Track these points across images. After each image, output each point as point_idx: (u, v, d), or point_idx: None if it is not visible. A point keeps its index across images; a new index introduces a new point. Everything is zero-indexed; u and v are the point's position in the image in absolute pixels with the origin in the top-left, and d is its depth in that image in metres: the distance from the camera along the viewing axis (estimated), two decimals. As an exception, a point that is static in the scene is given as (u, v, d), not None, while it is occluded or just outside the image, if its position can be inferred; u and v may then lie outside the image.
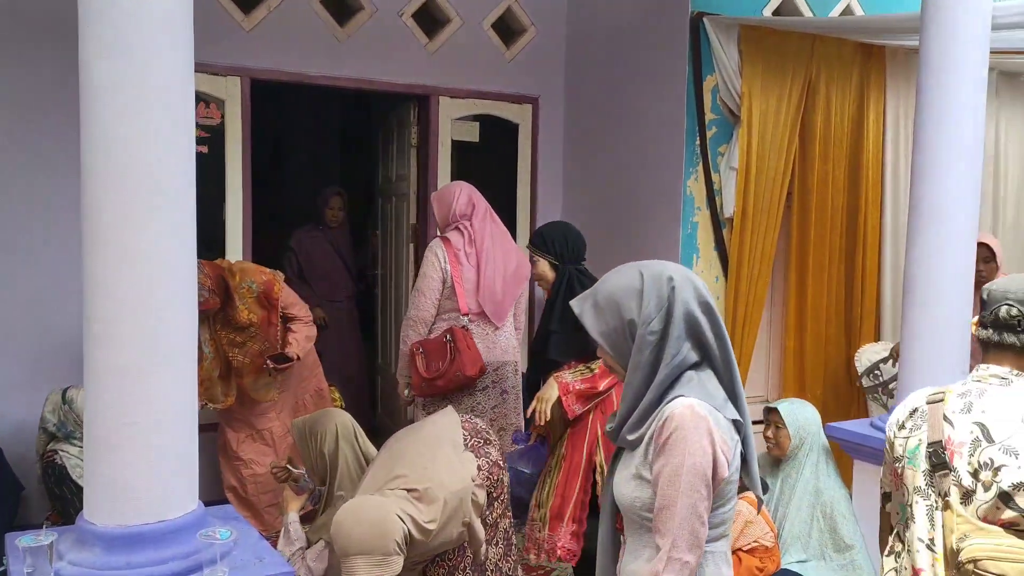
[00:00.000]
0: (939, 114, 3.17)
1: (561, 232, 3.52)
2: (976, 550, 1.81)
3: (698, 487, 1.58)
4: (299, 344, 4.05)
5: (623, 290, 1.71)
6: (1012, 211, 5.37)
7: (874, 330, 4.91)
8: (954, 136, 3.16)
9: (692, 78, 4.35)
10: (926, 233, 3.26)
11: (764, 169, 4.41)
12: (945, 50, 3.12)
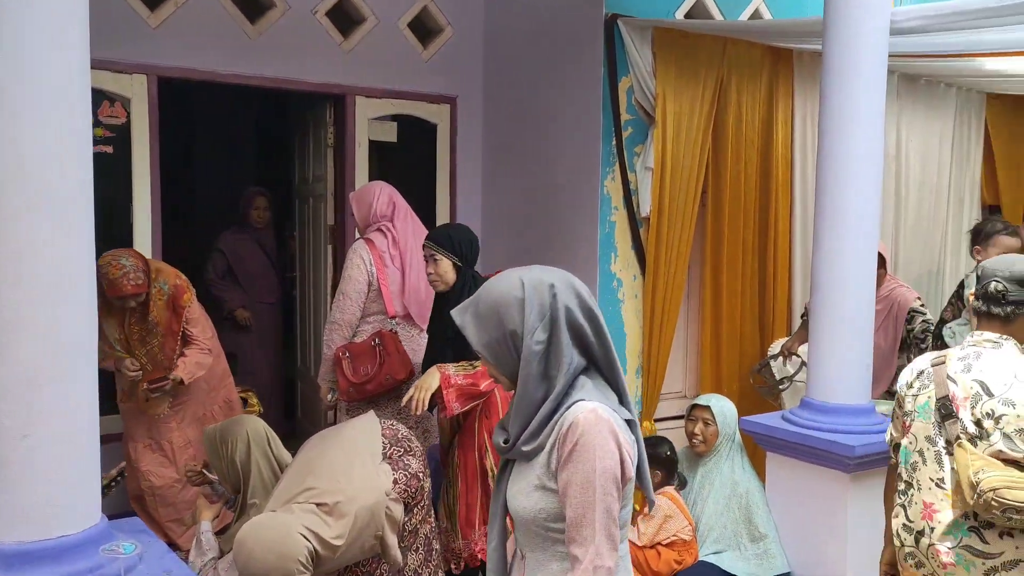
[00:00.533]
0: (841, 115, 3.27)
1: (466, 235, 3.51)
2: (994, 481, 2.15)
3: (611, 490, 1.57)
4: (186, 368, 3.87)
5: (504, 300, 1.64)
6: (913, 210, 5.58)
7: (786, 325, 5.05)
8: (856, 137, 3.27)
9: (607, 79, 4.40)
10: (831, 231, 3.37)
11: (679, 168, 4.49)
12: (846, 54, 3.22)
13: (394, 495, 2.70)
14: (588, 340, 1.65)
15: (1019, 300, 2.33)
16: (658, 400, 4.68)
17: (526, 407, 1.64)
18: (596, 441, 1.56)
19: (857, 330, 3.36)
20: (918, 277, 5.70)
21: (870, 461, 3.23)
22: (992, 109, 5.97)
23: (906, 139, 5.46)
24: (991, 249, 3.39)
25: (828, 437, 3.25)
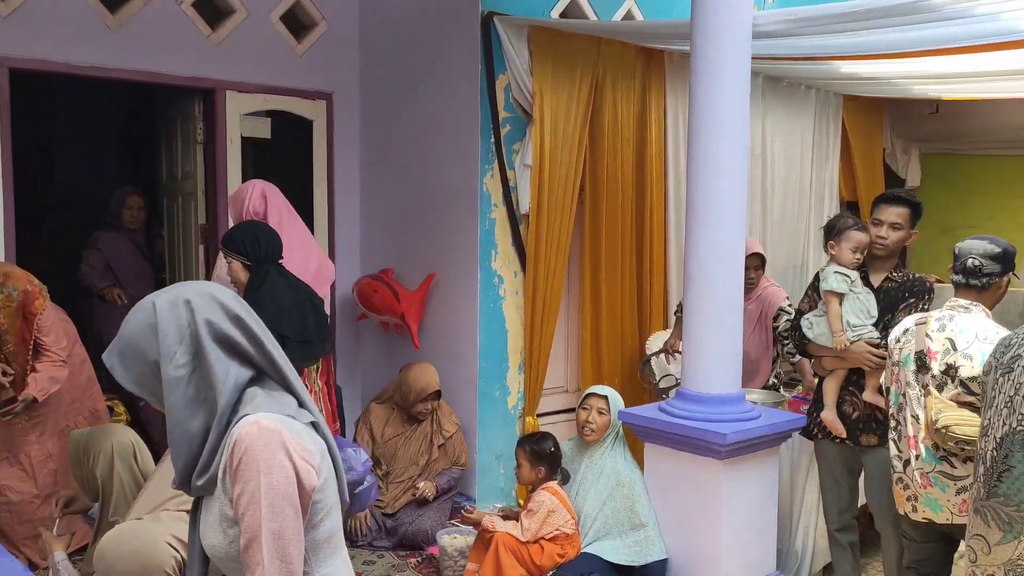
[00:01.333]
0: (709, 114, 3.38)
1: (252, 232, 3.48)
2: (946, 419, 2.75)
3: (282, 508, 1.41)
4: (38, 385, 3.62)
5: (139, 330, 1.49)
6: (778, 206, 5.84)
7: (663, 318, 5.19)
8: (723, 135, 3.38)
9: (485, 76, 4.41)
10: (702, 225, 3.47)
11: (557, 166, 4.54)
12: (712, 55, 3.33)
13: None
14: (243, 349, 1.52)
15: (992, 272, 2.94)
16: (540, 395, 4.73)
17: (181, 439, 1.49)
18: (261, 456, 1.42)
19: (728, 321, 3.48)
20: (784, 270, 5.97)
21: (741, 447, 3.36)
22: (848, 110, 6.31)
23: (771, 138, 5.71)
24: (843, 244, 3.57)
25: (702, 426, 3.35)
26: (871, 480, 3.59)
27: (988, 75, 4.80)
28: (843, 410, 3.61)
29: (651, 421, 3.54)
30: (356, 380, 5.33)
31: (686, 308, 3.57)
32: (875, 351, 3.47)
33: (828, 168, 6.23)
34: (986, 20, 3.49)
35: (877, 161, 6.75)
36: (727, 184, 3.41)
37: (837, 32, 3.93)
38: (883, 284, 3.61)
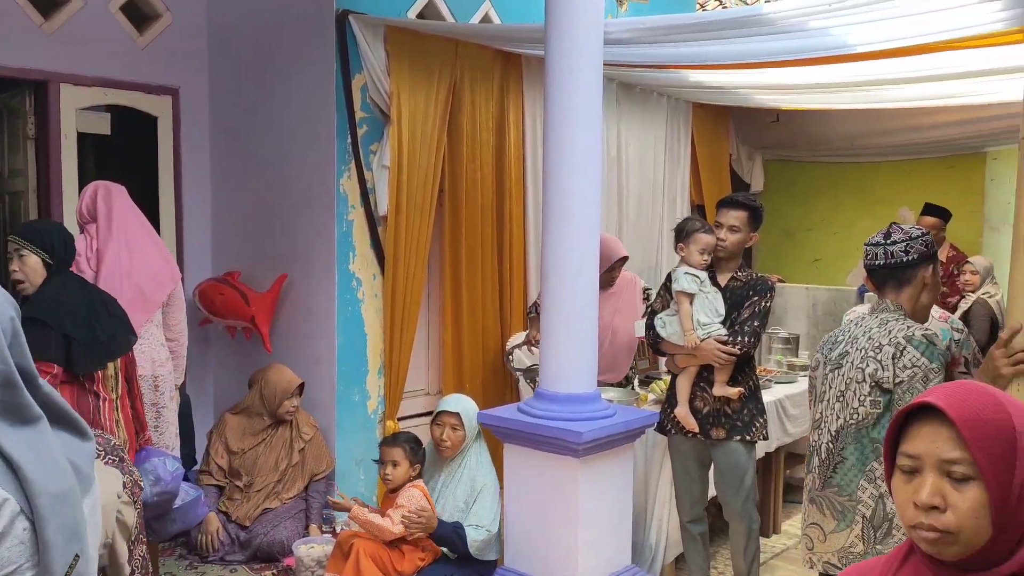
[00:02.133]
0: (563, 118, 3.43)
1: (61, 233, 3.27)
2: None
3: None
4: None
5: None
6: (633, 208, 6.02)
7: (524, 319, 5.25)
8: (577, 138, 3.44)
9: (341, 75, 4.33)
10: (558, 226, 3.53)
11: (415, 167, 4.51)
12: (565, 60, 3.39)
13: (125, 498, 2.47)
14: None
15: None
16: (401, 398, 4.69)
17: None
18: None
19: (583, 321, 3.54)
20: (639, 270, 6.14)
21: (598, 445, 3.42)
22: (697, 117, 6.58)
23: (625, 143, 5.88)
24: (692, 246, 3.71)
25: (559, 425, 3.39)
26: (720, 472, 3.75)
27: (822, 87, 5.11)
28: (694, 405, 3.75)
29: (509, 422, 3.56)
30: (207, 388, 5.11)
31: (543, 308, 3.62)
32: (723, 348, 3.62)
33: (679, 172, 6.47)
34: (818, 35, 3.71)
35: (724, 166, 7.08)
36: (582, 186, 3.48)
37: (683, 42, 4.09)
38: (729, 283, 3.76)
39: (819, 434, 2.67)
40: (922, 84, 4.84)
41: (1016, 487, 1.18)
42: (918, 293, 2.63)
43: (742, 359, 3.68)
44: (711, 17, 3.70)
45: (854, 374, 2.54)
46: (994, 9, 3.38)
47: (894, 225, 2.69)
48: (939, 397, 1.23)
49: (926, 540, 1.22)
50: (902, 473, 1.27)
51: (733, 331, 3.65)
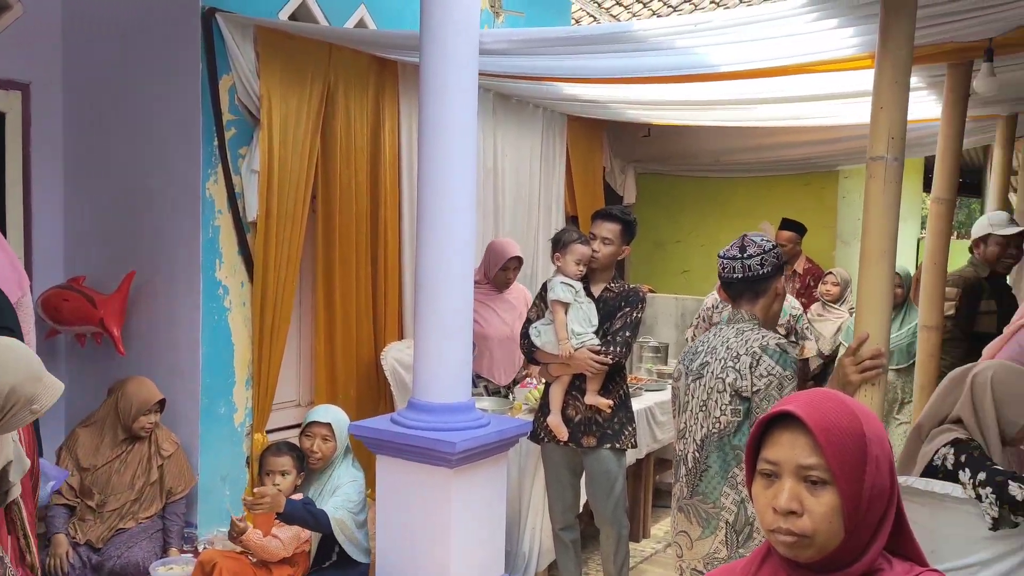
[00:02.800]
0: (438, 127, 3.42)
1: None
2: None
3: None
4: None
5: None
6: (509, 218, 6.07)
7: (398, 329, 5.19)
8: (452, 147, 3.43)
9: (207, 76, 4.17)
10: (432, 235, 3.50)
11: (287, 172, 4.39)
12: (440, 68, 3.37)
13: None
14: None
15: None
16: (270, 411, 4.54)
17: None
18: None
19: (457, 330, 3.52)
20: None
21: (471, 455, 3.41)
22: (572, 130, 6.71)
23: (502, 153, 5.92)
24: (568, 256, 3.77)
25: (433, 436, 3.36)
26: (591, 479, 3.81)
27: (689, 104, 5.31)
28: (567, 414, 3.80)
29: (382, 433, 3.51)
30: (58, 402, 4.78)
31: (417, 318, 3.58)
32: (597, 357, 3.68)
33: (554, 184, 6.57)
34: (685, 53, 3.84)
35: (598, 179, 7.24)
36: (457, 195, 3.46)
37: (557, 55, 4.15)
38: (603, 294, 3.84)
39: (685, 443, 2.74)
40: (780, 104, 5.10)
41: (866, 491, 1.23)
42: (771, 303, 2.75)
43: (614, 368, 3.75)
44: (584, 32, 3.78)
45: (715, 383, 2.62)
46: (846, 35, 3.59)
47: (747, 238, 2.78)
48: (797, 405, 1.28)
49: (783, 544, 1.27)
50: (762, 478, 1.31)
51: (606, 341, 3.72)
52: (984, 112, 5.40)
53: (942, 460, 2.65)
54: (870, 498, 1.24)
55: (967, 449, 2.61)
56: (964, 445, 2.63)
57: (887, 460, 1.27)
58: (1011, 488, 2.44)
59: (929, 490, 2.64)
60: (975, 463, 2.55)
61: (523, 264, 4.90)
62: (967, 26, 3.42)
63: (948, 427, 2.72)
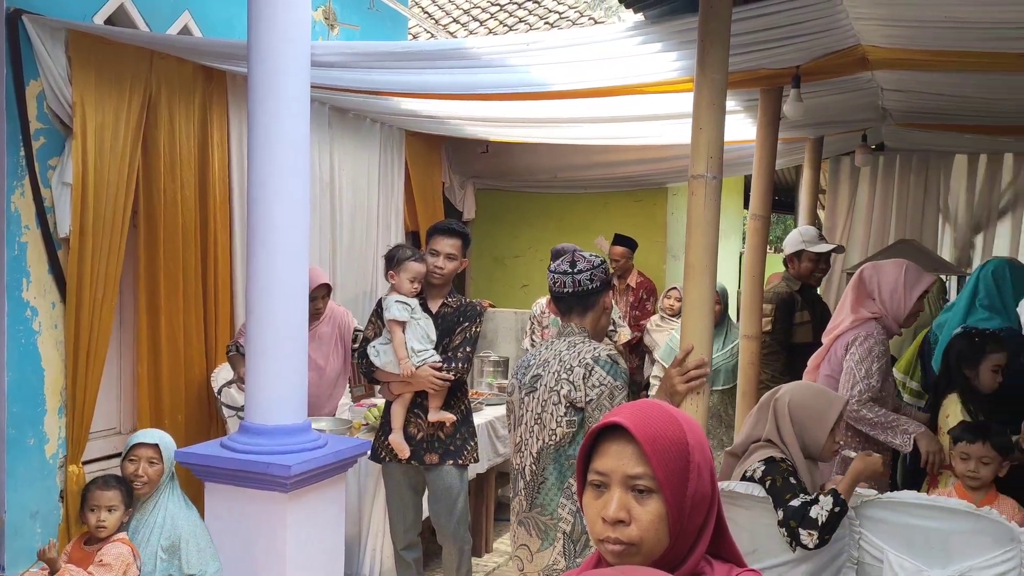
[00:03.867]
0: (268, 140, 3.31)
1: None
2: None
3: None
4: None
5: None
6: (348, 234, 5.97)
7: (230, 349, 4.97)
8: (283, 161, 3.32)
9: (12, 82, 3.85)
10: (264, 253, 3.38)
11: (104, 185, 4.12)
12: (270, 80, 3.27)
13: None
14: None
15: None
16: (87, 440, 4.22)
17: None
18: None
19: (292, 350, 3.42)
20: (354, 297, 6.10)
21: (308, 478, 3.31)
22: (411, 145, 6.68)
23: (339, 168, 5.81)
24: (403, 274, 3.75)
25: (266, 460, 3.24)
26: (434, 496, 3.78)
27: (525, 121, 5.41)
28: (408, 432, 3.76)
29: (211, 459, 3.34)
30: None
31: (249, 338, 3.44)
32: (438, 374, 3.66)
33: (393, 199, 6.52)
34: (518, 71, 3.92)
35: (437, 195, 7.24)
36: (289, 212, 3.36)
37: (392, 70, 4.12)
38: (440, 310, 3.83)
39: (521, 457, 2.77)
40: (611, 124, 5.29)
41: (689, 498, 1.27)
42: (599, 317, 2.83)
43: (455, 384, 3.75)
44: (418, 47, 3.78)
45: (549, 396, 2.67)
46: (670, 59, 3.77)
47: (577, 253, 2.86)
48: (625, 416, 1.30)
49: (612, 552, 1.28)
50: (592, 489, 1.32)
51: (447, 357, 3.72)
52: (794, 135, 5.82)
53: (752, 472, 2.81)
54: (693, 505, 1.28)
55: (774, 472, 2.75)
56: (774, 465, 2.77)
57: (708, 467, 1.32)
58: (812, 512, 2.60)
59: (749, 493, 2.79)
60: (776, 495, 2.69)
61: (331, 291, 4.75)
62: (777, 54, 3.67)
63: (763, 444, 2.88)
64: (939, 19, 3.21)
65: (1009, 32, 3.27)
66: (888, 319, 3.57)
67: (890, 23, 3.38)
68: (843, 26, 3.44)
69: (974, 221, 7.04)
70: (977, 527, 2.56)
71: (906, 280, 3.57)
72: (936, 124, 5.74)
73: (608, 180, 7.42)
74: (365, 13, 6.34)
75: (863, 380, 3.41)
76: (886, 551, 2.66)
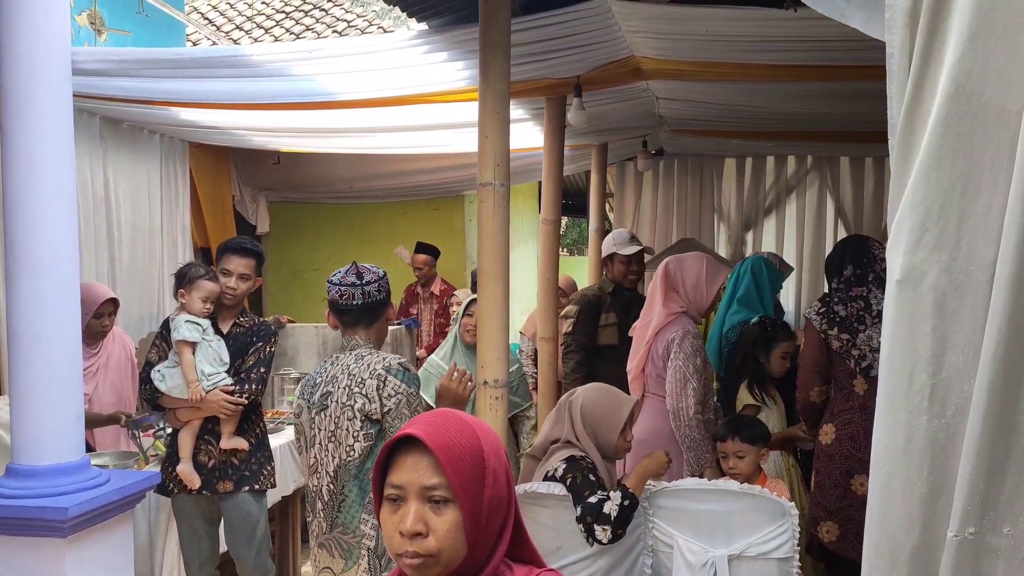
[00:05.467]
0: (28, 154, 3.02)
1: None
2: None
3: None
4: None
5: None
6: (128, 252, 5.58)
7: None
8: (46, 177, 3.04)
9: None
10: (28, 277, 3.09)
11: None
12: (27, 88, 2.99)
13: None
14: None
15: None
16: None
17: None
18: None
19: (66, 381, 3.14)
20: (139, 319, 5.72)
21: (89, 519, 3.05)
22: (195, 157, 6.34)
23: (115, 182, 5.42)
24: (194, 293, 3.55)
25: (38, 503, 2.95)
26: (231, 526, 3.60)
27: (315, 131, 5.30)
28: (199, 460, 3.56)
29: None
30: None
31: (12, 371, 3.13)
32: (231, 398, 3.50)
33: (179, 214, 6.17)
34: (303, 80, 3.82)
35: (227, 208, 6.94)
36: (54, 232, 3.08)
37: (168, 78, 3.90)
38: (232, 330, 3.67)
39: (318, 477, 2.70)
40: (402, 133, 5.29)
41: (485, 503, 1.27)
42: (384, 327, 2.83)
43: (249, 406, 3.60)
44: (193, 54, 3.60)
45: (342, 412, 2.62)
46: (456, 68, 3.82)
47: (361, 265, 2.82)
48: (418, 427, 1.29)
49: (410, 566, 1.27)
50: (390, 503, 1.30)
51: (239, 379, 3.57)
52: (580, 141, 6.08)
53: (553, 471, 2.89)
54: (489, 511, 1.28)
55: (574, 470, 2.84)
56: (574, 464, 2.87)
57: (504, 471, 1.32)
58: (605, 508, 2.71)
59: (551, 493, 2.87)
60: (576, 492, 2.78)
61: (119, 307, 4.46)
62: (557, 64, 3.81)
63: (562, 444, 2.97)
64: (699, 32, 3.46)
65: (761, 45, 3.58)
66: (692, 311, 3.73)
67: (658, 36, 3.61)
68: (617, 38, 3.63)
69: (744, 219, 7.65)
70: (752, 505, 2.76)
71: (707, 272, 3.72)
72: (706, 130, 6.19)
73: (406, 189, 7.42)
74: (136, 19, 5.97)
75: (694, 376, 3.56)
76: (675, 536, 2.82)
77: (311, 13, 9.26)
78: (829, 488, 3.43)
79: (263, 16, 9.30)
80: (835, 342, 3.39)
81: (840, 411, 3.51)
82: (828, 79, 3.96)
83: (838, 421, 3.47)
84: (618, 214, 7.95)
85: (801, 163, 7.55)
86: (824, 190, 7.51)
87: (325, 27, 8.90)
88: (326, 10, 9.26)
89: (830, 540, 3.38)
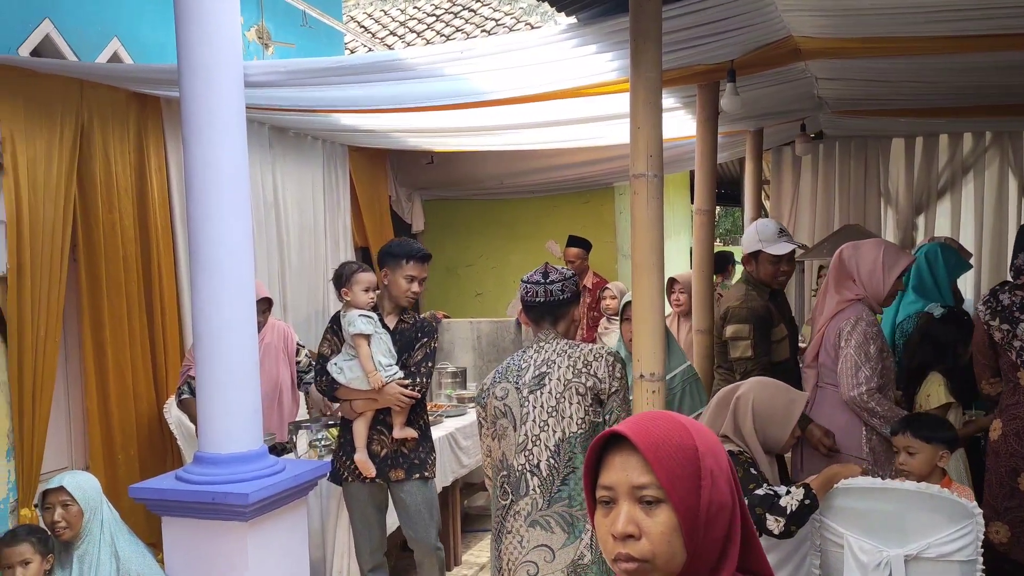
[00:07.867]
0: (205, 163, 3.25)
1: None
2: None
3: None
4: None
5: None
6: (295, 254, 5.89)
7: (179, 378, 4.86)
8: (222, 184, 3.26)
9: (-65, 118, 3.74)
10: (208, 279, 3.31)
11: (39, 221, 4.01)
12: (203, 102, 3.21)
13: None
14: None
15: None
16: (39, 482, 4.10)
17: None
18: None
19: (243, 375, 3.35)
20: (306, 317, 6.03)
21: (267, 505, 3.25)
22: (354, 160, 6.63)
23: (282, 187, 5.74)
24: (355, 287, 3.71)
25: (222, 489, 3.17)
26: (406, 511, 3.72)
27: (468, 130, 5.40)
28: (372, 449, 3.72)
29: (166, 493, 3.27)
30: None
31: (198, 367, 3.37)
32: (405, 391, 3.64)
33: (340, 216, 6.46)
34: (454, 80, 3.90)
35: (384, 208, 7.20)
36: (231, 235, 3.30)
37: (329, 86, 4.08)
38: (398, 326, 3.81)
39: (528, 455, 2.67)
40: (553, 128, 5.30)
41: (703, 507, 1.19)
42: (568, 328, 2.88)
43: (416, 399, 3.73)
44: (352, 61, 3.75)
45: (565, 389, 2.67)
46: (606, 60, 3.79)
47: (549, 265, 2.92)
48: (626, 426, 1.24)
49: (626, 571, 1.21)
50: (603, 506, 1.25)
51: (410, 373, 3.71)
52: (734, 128, 5.89)
53: None
54: (708, 514, 1.19)
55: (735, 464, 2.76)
56: (734, 458, 2.79)
57: (724, 474, 1.23)
58: (782, 501, 2.63)
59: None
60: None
61: (272, 305, 4.72)
62: (709, 49, 3.71)
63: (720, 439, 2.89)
64: (864, 6, 3.27)
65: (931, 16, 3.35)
66: (869, 300, 3.48)
67: (818, 13, 3.44)
68: (773, 18, 3.48)
69: (915, 203, 7.20)
70: (931, 505, 2.61)
71: (884, 260, 3.47)
72: (871, 110, 5.86)
73: (555, 183, 7.44)
74: (300, 31, 6.29)
75: (866, 364, 3.32)
76: (845, 536, 2.70)
77: (460, 14, 9.45)
78: (996, 487, 3.24)
79: (415, 20, 9.57)
80: (996, 333, 3.17)
81: (1007, 405, 3.28)
82: (1006, 48, 3.66)
83: (1005, 416, 3.24)
84: (775, 201, 7.66)
85: (979, 140, 7.02)
86: (1006, 167, 6.96)
87: (474, 27, 9.05)
88: (475, 10, 9.41)
89: (1000, 542, 3.20)
